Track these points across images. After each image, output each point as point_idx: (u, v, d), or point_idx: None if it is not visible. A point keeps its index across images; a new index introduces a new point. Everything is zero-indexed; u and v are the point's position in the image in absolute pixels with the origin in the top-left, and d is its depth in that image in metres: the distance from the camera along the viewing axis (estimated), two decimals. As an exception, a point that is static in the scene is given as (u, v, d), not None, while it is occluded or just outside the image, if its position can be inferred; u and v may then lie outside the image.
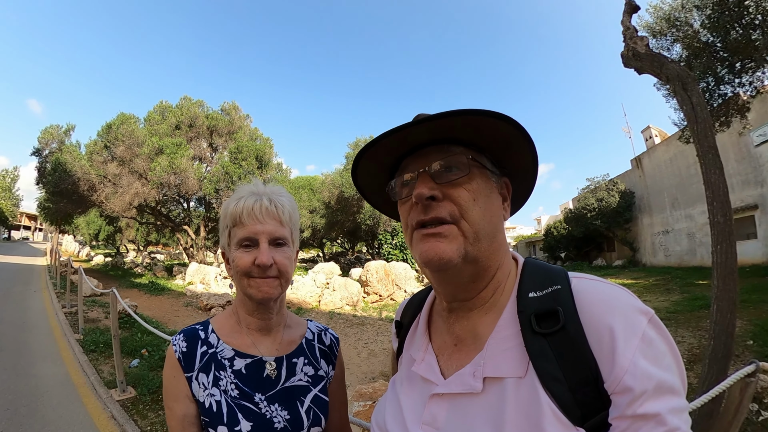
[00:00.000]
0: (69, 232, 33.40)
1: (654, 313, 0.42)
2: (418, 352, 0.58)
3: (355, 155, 0.55)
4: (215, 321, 0.82)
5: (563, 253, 24.10)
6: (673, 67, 3.00)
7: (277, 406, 0.75)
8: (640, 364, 0.37)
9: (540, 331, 0.43)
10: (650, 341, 0.39)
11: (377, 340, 7.34)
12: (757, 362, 1.57)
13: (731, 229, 2.70)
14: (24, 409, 3.27)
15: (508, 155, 0.54)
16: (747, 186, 13.10)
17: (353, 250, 28.34)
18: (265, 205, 0.76)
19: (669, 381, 0.37)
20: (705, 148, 2.84)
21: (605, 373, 0.38)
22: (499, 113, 0.47)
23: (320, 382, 0.83)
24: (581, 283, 0.46)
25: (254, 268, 0.73)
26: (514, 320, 0.47)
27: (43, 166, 15.35)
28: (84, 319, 6.23)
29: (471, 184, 0.50)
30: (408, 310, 0.68)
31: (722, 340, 2.71)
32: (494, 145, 0.53)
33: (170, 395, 0.74)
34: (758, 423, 3.19)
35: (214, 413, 0.71)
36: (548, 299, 0.45)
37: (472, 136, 0.51)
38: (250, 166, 16.58)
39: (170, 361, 0.75)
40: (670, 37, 7.92)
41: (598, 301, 0.43)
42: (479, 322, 0.51)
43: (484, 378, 0.45)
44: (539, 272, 0.50)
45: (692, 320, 6.64)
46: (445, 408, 0.48)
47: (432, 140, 0.52)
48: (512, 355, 0.44)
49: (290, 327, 0.87)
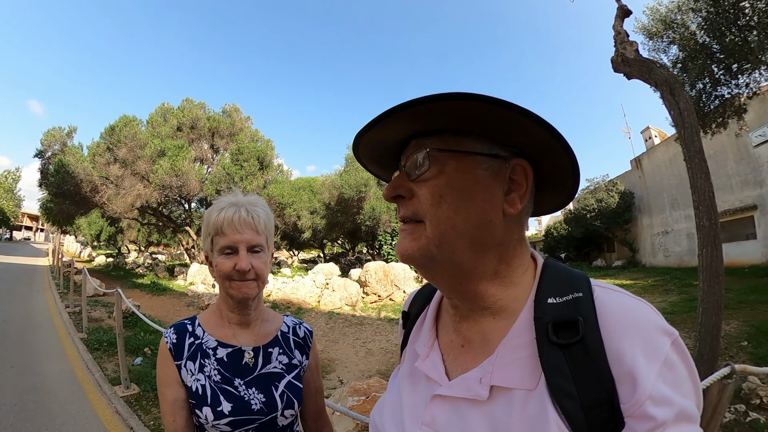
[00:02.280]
0: (71, 232, 33.55)
1: (678, 334, 0.40)
2: (422, 347, 0.55)
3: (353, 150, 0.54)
4: (201, 316, 0.94)
5: (563, 253, 24.11)
6: (661, 72, 3.08)
7: (254, 390, 0.86)
8: (662, 391, 0.36)
9: (557, 341, 0.40)
10: (672, 365, 0.37)
11: (375, 340, 7.41)
12: (732, 365, 1.61)
13: (717, 233, 2.77)
14: (31, 404, 3.37)
15: (511, 134, 0.46)
16: (746, 186, 13.10)
17: (354, 250, 28.40)
18: (243, 216, 0.86)
19: (688, 409, 0.36)
20: (692, 152, 2.92)
21: (624, 395, 0.36)
22: (443, 94, 0.40)
23: (294, 370, 0.93)
24: (605, 294, 0.43)
25: (234, 272, 0.84)
26: (529, 327, 0.44)
27: (45, 168, 15.48)
28: (87, 318, 6.33)
29: (437, 180, 0.45)
30: (416, 302, 0.65)
31: (708, 341, 2.78)
32: (490, 125, 0.45)
33: (162, 381, 0.84)
34: (746, 424, 3.23)
35: (199, 396, 0.82)
36: (569, 307, 0.42)
37: (447, 122, 0.45)
38: (252, 167, 16.69)
39: (162, 352, 0.86)
40: (666, 38, 7.97)
41: (622, 316, 0.40)
42: (489, 325, 0.48)
43: (491, 386, 0.43)
44: (560, 276, 0.47)
45: (689, 321, 6.65)
46: (447, 411, 0.46)
47: (414, 134, 0.48)
48: (524, 365, 0.42)
49: (267, 321, 0.98)
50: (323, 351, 6.68)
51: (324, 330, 8.24)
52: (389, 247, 21.48)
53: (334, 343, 7.28)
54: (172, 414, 0.82)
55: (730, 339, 5.44)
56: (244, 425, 0.82)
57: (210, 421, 0.80)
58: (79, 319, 6.41)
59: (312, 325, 8.52)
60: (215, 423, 0.80)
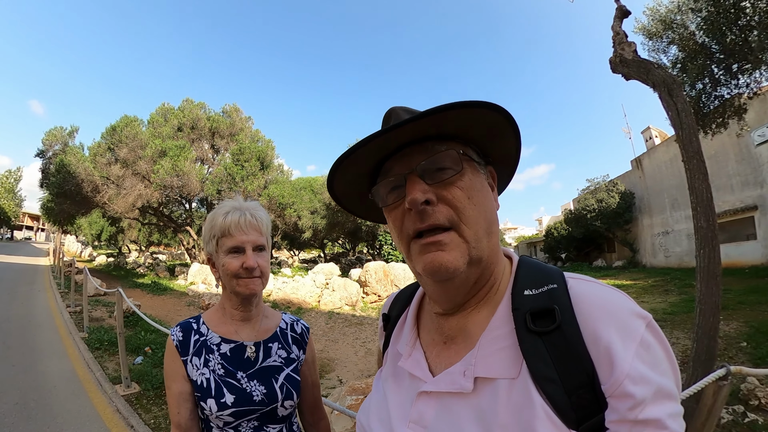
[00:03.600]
0: (71, 232, 33.63)
1: (651, 317, 0.41)
2: (405, 347, 0.56)
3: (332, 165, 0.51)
4: (206, 315, 1.00)
5: (563, 253, 24.12)
6: (659, 73, 3.08)
7: (256, 382, 0.91)
8: (640, 369, 0.37)
9: (535, 329, 0.42)
10: (648, 346, 0.39)
11: (375, 340, 7.42)
12: (727, 366, 1.60)
13: (714, 234, 2.78)
14: (33, 402, 3.40)
15: (495, 144, 0.52)
16: (747, 187, 13.08)
17: (354, 250, 28.42)
18: (249, 219, 0.94)
19: (667, 386, 0.38)
20: (690, 153, 2.93)
21: (603, 376, 0.38)
22: (485, 102, 0.44)
23: (292, 364, 0.99)
24: (578, 284, 0.45)
25: (242, 270, 0.91)
26: (508, 318, 0.45)
27: (47, 168, 15.52)
28: (88, 318, 6.35)
29: (464, 182, 0.47)
30: (396, 304, 0.67)
31: (705, 343, 2.78)
32: (482, 135, 0.50)
33: (169, 376, 0.90)
34: (744, 425, 3.23)
35: (204, 389, 0.88)
36: (544, 297, 0.44)
37: (457, 130, 0.48)
38: (253, 167, 16.72)
39: (170, 349, 0.92)
40: (666, 39, 7.96)
41: (596, 303, 0.42)
42: (471, 320, 0.50)
43: (475, 378, 0.44)
44: (534, 270, 0.49)
45: (688, 322, 6.64)
46: (433, 406, 0.46)
47: (416, 139, 0.49)
48: (505, 355, 0.43)
49: (267, 317, 1.04)
50: (323, 350, 6.70)
51: (324, 330, 8.25)
52: (389, 247, 21.51)
53: (334, 342, 7.30)
54: (177, 406, 0.87)
55: (730, 340, 5.43)
56: (246, 416, 0.88)
57: (214, 412, 0.85)
58: (80, 319, 6.44)
59: (312, 325, 8.54)
60: (219, 414, 0.86)
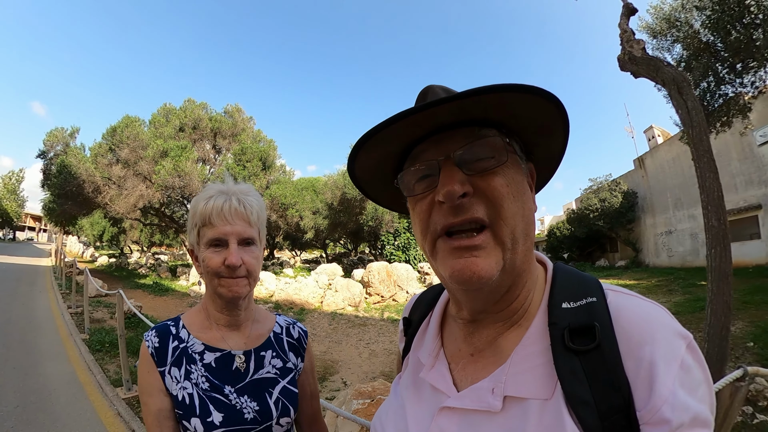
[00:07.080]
0: (73, 233, 33.70)
1: (692, 337, 0.38)
2: (427, 356, 0.52)
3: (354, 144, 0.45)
4: (186, 317, 0.85)
5: (566, 253, 24.03)
6: (669, 71, 3.04)
7: (247, 398, 0.78)
8: (679, 395, 0.35)
9: (573, 347, 0.39)
10: (688, 369, 0.36)
11: (379, 341, 7.39)
12: (745, 367, 1.57)
13: (726, 233, 2.73)
14: (33, 406, 3.36)
15: (543, 141, 0.47)
16: (750, 186, 13.03)
17: (356, 250, 28.39)
18: (234, 206, 0.77)
19: (703, 414, 0.35)
20: (700, 151, 2.88)
21: (640, 400, 0.35)
22: (545, 91, 0.39)
23: (289, 374, 0.86)
24: (618, 297, 0.42)
25: (224, 268, 0.76)
26: (543, 334, 0.42)
27: (48, 169, 15.55)
28: (90, 319, 6.32)
29: (507, 175, 0.43)
30: (418, 307, 0.62)
31: (717, 342, 2.74)
32: (531, 128, 0.45)
33: (145, 390, 0.76)
34: (753, 426, 3.21)
35: (186, 405, 0.74)
36: (583, 312, 0.41)
37: (504, 117, 0.43)
38: (255, 167, 16.72)
39: (144, 357, 0.77)
40: (671, 37, 7.93)
41: (636, 321, 0.39)
42: (501, 333, 0.47)
43: (505, 396, 0.41)
44: (572, 280, 0.45)
45: (693, 321, 6.62)
46: (456, 423, 0.43)
47: (455, 122, 0.43)
48: (539, 374, 0.40)
49: (258, 321, 0.90)
50: (326, 352, 6.66)
51: (327, 331, 8.22)
52: (392, 248, 21.46)
53: (338, 344, 7.26)
54: (158, 426, 0.73)
55: (736, 340, 5.39)
56: None
57: None
58: (81, 320, 6.41)
59: (315, 326, 8.50)
60: None
